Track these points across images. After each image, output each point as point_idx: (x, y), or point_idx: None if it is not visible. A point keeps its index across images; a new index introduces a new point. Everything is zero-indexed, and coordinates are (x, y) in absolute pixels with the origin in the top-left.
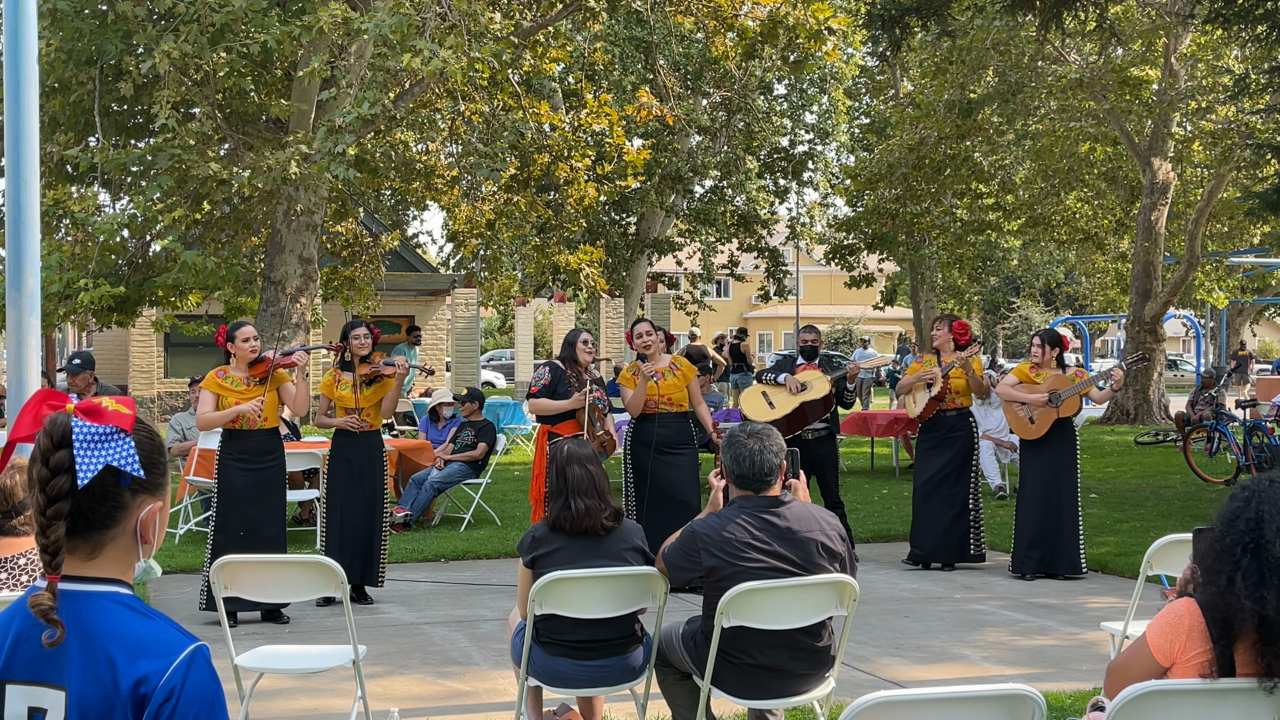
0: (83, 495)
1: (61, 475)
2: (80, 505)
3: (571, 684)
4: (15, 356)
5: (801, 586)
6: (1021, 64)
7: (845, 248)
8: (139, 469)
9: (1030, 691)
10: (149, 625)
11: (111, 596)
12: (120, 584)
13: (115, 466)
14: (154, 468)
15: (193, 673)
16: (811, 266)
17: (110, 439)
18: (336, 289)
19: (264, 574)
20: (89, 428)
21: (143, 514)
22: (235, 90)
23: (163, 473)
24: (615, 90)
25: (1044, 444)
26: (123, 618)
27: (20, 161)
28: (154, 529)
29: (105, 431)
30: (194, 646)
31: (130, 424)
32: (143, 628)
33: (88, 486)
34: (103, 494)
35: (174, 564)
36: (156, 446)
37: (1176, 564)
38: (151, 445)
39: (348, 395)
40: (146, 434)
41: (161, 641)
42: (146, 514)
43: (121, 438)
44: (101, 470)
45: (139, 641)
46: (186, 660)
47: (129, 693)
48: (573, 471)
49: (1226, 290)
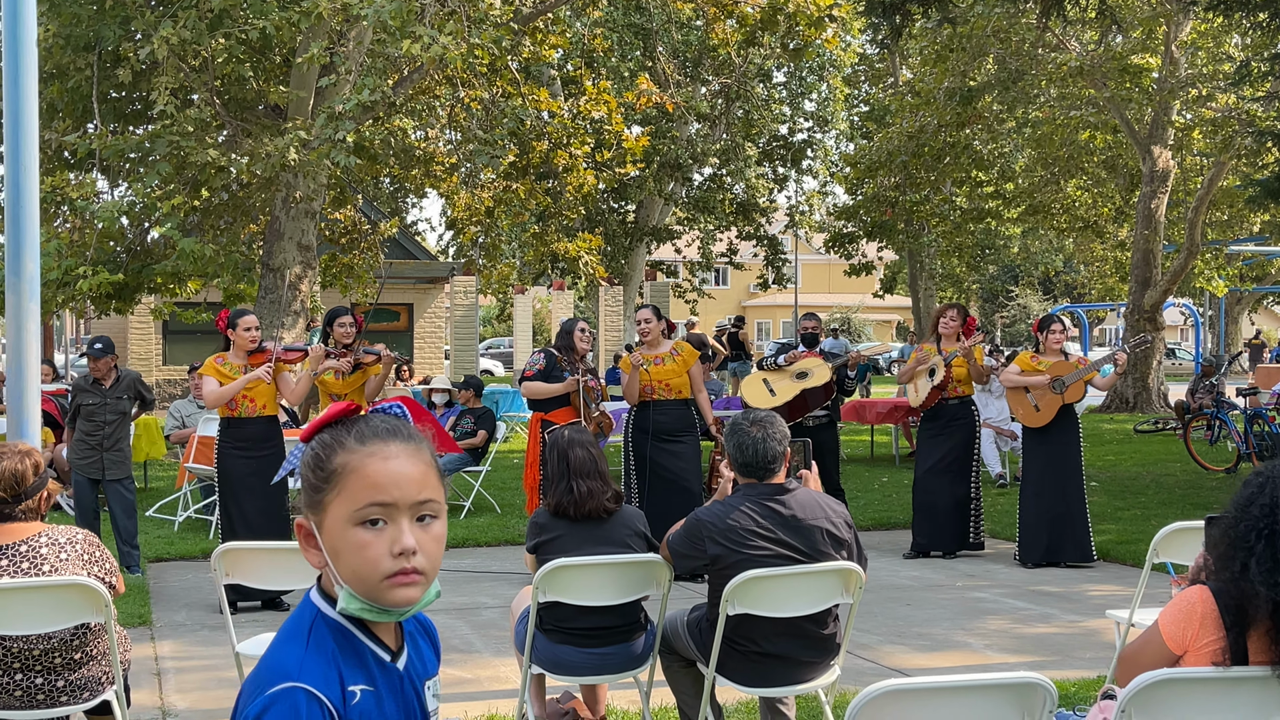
0: None
1: None
2: None
3: (575, 671)
4: (15, 342)
5: (807, 574)
6: (1022, 51)
7: (844, 236)
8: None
9: (1041, 680)
10: (278, 650)
11: (308, 609)
12: (325, 598)
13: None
14: (303, 480)
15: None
16: (810, 255)
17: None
18: (335, 276)
19: (265, 561)
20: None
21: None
22: (234, 76)
23: (314, 488)
24: (614, 77)
25: (1048, 432)
26: (281, 631)
27: (19, 148)
28: (312, 550)
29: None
30: (280, 689)
31: (308, 432)
32: (274, 648)
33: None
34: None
35: (173, 551)
36: (309, 461)
37: (1182, 552)
38: (306, 459)
39: (331, 380)
40: (313, 447)
41: (263, 672)
42: (297, 525)
43: (299, 446)
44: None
45: (262, 658)
46: (266, 701)
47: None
48: (574, 454)
49: (1226, 278)
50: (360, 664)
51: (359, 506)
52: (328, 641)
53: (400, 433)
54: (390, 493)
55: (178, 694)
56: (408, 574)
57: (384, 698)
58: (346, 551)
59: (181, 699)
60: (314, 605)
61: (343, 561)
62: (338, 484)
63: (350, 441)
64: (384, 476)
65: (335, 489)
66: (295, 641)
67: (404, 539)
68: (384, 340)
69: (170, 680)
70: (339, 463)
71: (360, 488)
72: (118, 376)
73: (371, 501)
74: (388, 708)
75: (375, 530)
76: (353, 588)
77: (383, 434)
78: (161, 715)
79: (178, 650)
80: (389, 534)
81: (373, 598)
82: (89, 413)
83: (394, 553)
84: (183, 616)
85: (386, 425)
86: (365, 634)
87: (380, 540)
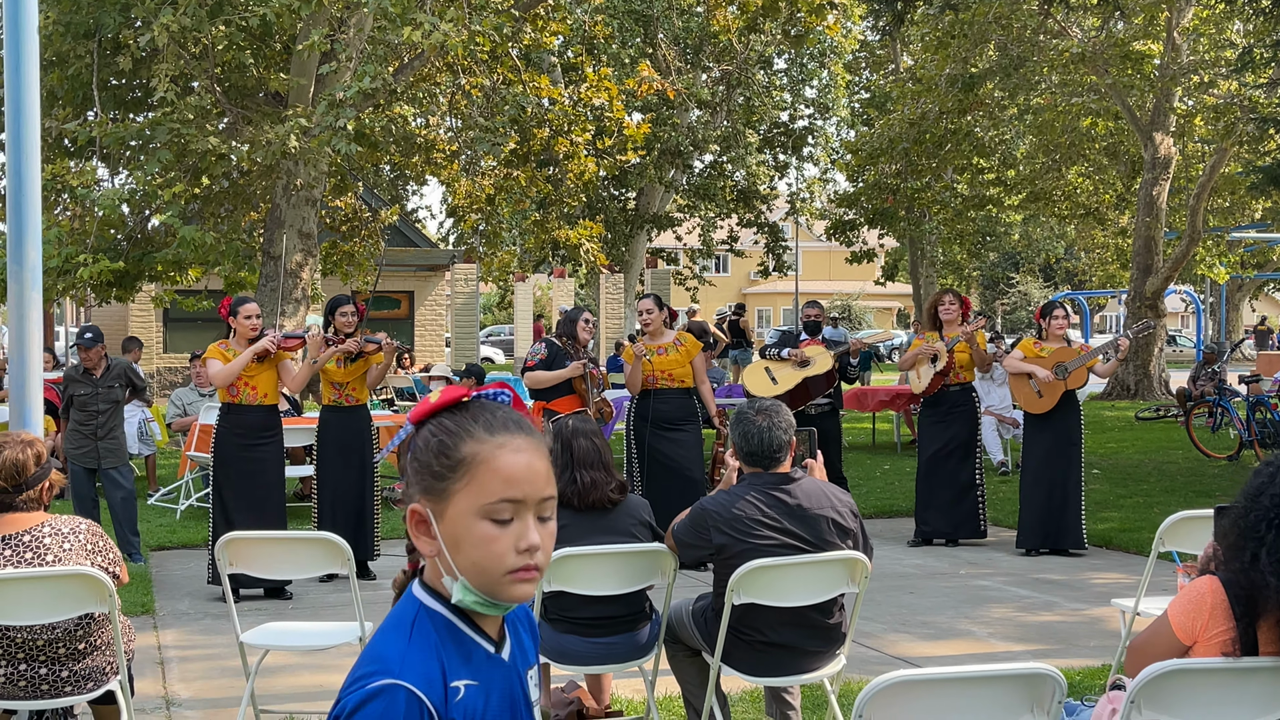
0: None
1: None
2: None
3: (580, 661)
4: (17, 330)
5: (812, 563)
6: (1024, 38)
7: (846, 223)
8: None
9: (1051, 671)
10: (381, 640)
11: (410, 601)
12: (428, 590)
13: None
14: (415, 465)
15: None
16: (811, 242)
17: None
18: (335, 264)
19: (269, 551)
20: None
21: (408, 514)
22: (234, 64)
23: (435, 474)
24: (614, 64)
25: (1049, 419)
26: (384, 624)
27: (21, 136)
28: (425, 537)
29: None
30: (382, 684)
31: (419, 414)
32: (375, 642)
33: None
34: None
35: (175, 539)
36: (432, 446)
37: (1188, 540)
38: (426, 443)
39: (332, 368)
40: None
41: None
42: (409, 512)
43: (406, 428)
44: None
45: (363, 651)
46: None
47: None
48: (578, 444)
49: (1228, 265)
50: (465, 658)
51: (491, 500)
52: (431, 635)
53: (524, 425)
54: (522, 488)
55: (181, 683)
56: (529, 570)
57: (490, 691)
58: (470, 544)
59: (185, 688)
60: (416, 599)
61: (463, 553)
62: (466, 474)
63: (479, 430)
64: (516, 470)
65: (463, 478)
66: (398, 633)
67: (530, 535)
68: (385, 328)
69: (174, 669)
70: (468, 452)
71: (492, 480)
72: (108, 366)
73: (503, 497)
74: (493, 701)
75: (502, 524)
76: (470, 579)
77: (510, 426)
78: (165, 704)
79: (181, 639)
80: (515, 529)
81: (490, 591)
82: (82, 403)
83: (519, 549)
84: (186, 605)
85: (512, 417)
86: (470, 626)
87: (507, 535)
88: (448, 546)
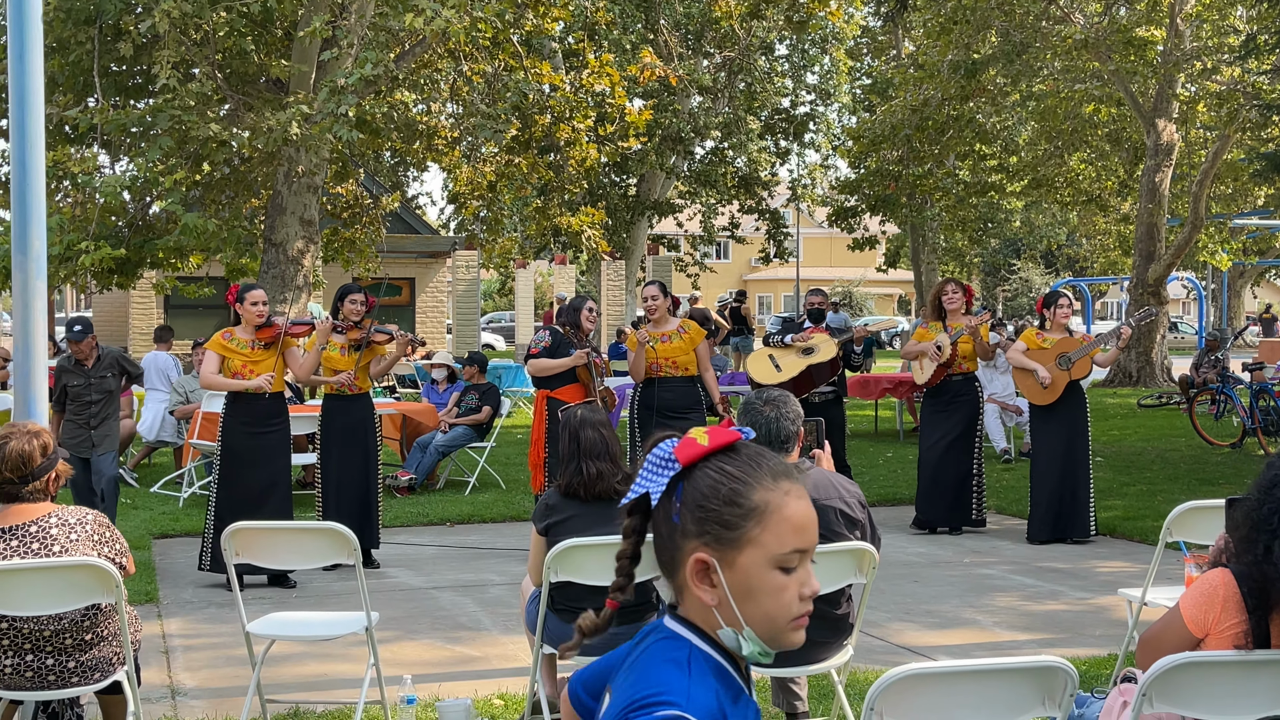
0: (654, 526)
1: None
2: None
3: (586, 651)
4: (22, 319)
5: (820, 554)
6: (1026, 24)
7: (847, 210)
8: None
9: (1063, 664)
10: (659, 671)
11: (666, 633)
12: (693, 630)
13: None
14: (696, 511)
15: None
16: (812, 229)
17: (664, 466)
18: (337, 251)
19: (275, 541)
20: (664, 450)
21: (688, 562)
22: (235, 50)
23: (725, 523)
24: (615, 50)
25: (1056, 409)
26: (651, 656)
27: (25, 124)
28: (705, 586)
29: (667, 457)
30: (671, 713)
31: (689, 456)
32: (652, 671)
33: (657, 520)
34: (665, 530)
35: (177, 528)
36: (721, 494)
37: (1195, 531)
38: (713, 490)
39: (337, 357)
40: (713, 477)
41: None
42: (691, 561)
43: (670, 468)
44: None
45: (634, 679)
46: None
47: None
48: (585, 435)
49: (1230, 252)
50: (733, 699)
51: (785, 550)
52: (708, 675)
53: (791, 470)
54: (809, 536)
55: (186, 672)
56: (805, 616)
57: None
58: (763, 593)
59: (190, 677)
60: (684, 638)
61: (755, 603)
62: (759, 523)
63: (765, 478)
64: (804, 518)
65: (756, 527)
66: (676, 669)
67: (813, 581)
68: (385, 315)
69: (179, 658)
70: (759, 500)
71: (786, 530)
72: (99, 356)
73: (796, 547)
74: None
75: (789, 573)
76: (757, 629)
77: (788, 472)
78: (170, 694)
79: (185, 628)
80: (799, 576)
81: (772, 639)
82: (75, 394)
83: (803, 595)
84: (189, 594)
85: (781, 462)
86: (734, 669)
87: (793, 583)
88: (736, 596)
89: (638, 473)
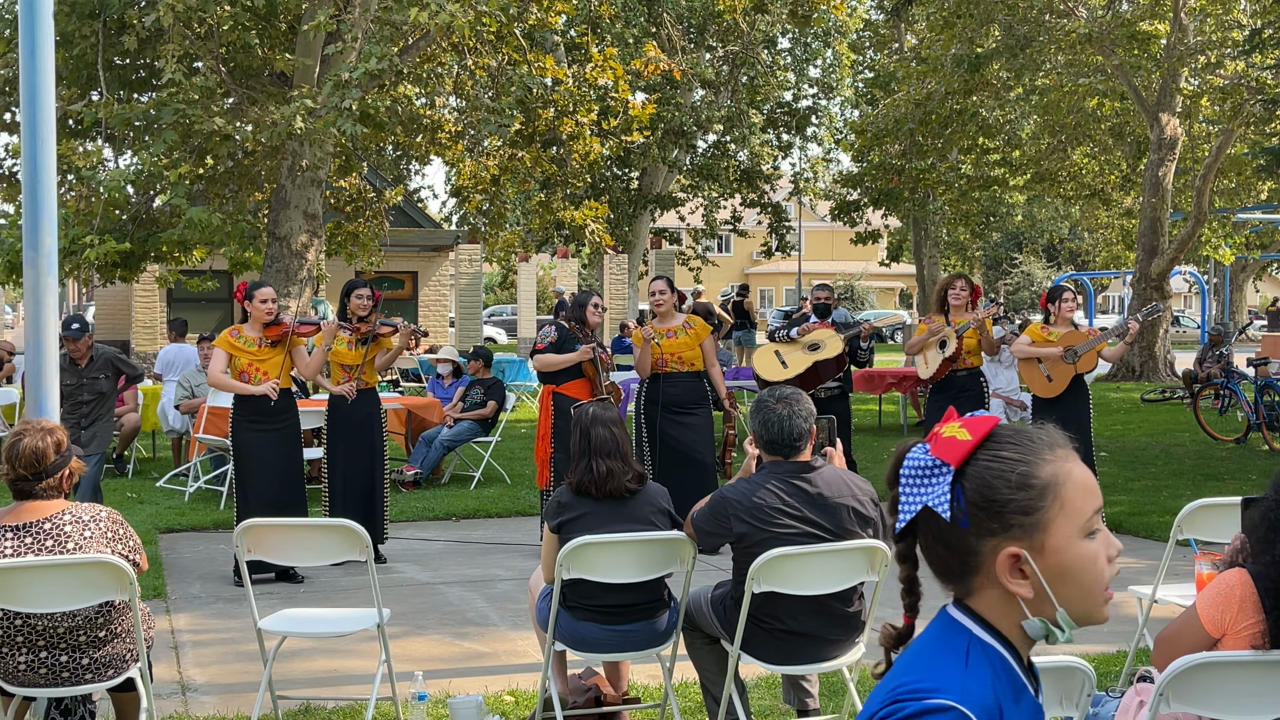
0: (926, 539)
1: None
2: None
3: (598, 649)
4: (34, 316)
5: (833, 552)
6: (1029, 18)
7: (850, 204)
8: (946, 510)
9: (1081, 664)
10: (931, 663)
11: (958, 629)
12: (988, 629)
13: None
14: (990, 506)
15: None
16: (814, 222)
17: (931, 475)
18: (340, 244)
19: (288, 538)
20: (918, 459)
21: (997, 558)
22: (239, 44)
23: (1023, 509)
24: (618, 44)
25: (1059, 403)
26: (930, 640)
27: (36, 120)
28: (1018, 580)
29: (928, 465)
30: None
31: (959, 454)
32: (927, 658)
33: (931, 530)
34: (943, 539)
35: (184, 522)
36: (1011, 481)
37: (1205, 528)
38: (1001, 480)
39: (344, 351)
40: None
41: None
42: (1000, 559)
43: (941, 474)
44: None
45: (908, 660)
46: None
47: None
48: (596, 433)
49: (1233, 246)
50: (1014, 698)
51: (1087, 515)
52: (986, 669)
53: (1054, 434)
54: (1098, 492)
55: (196, 668)
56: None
57: None
58: (1078, 569)
59: (200, 672)
60: (965, 627)
61: (1072, 581)
62: (1055, 497)
63: (1043, 451)
64: (1088, 478)
65: (1054, 502)
66: (953, 659)
67: (1114, 540)
68: (388, 308)
69: (188, 653)
70: (1048, 475)
71: (1080, 495)
72: (92, 356)
73: (1095, 508)
74: None
75: (1093, 537)
76: (1073, 609)
77: (1052, 437)
78: (181, 689)
79: (194, 623)
80: (1101, 539)
81: (1086, 616)
82: (67, 393)
83: (1110, 556)
84: (197, 589)
85: (1042, 431)
86: (1019, 666)
87: (1099, 547)
88: (1051, 580)
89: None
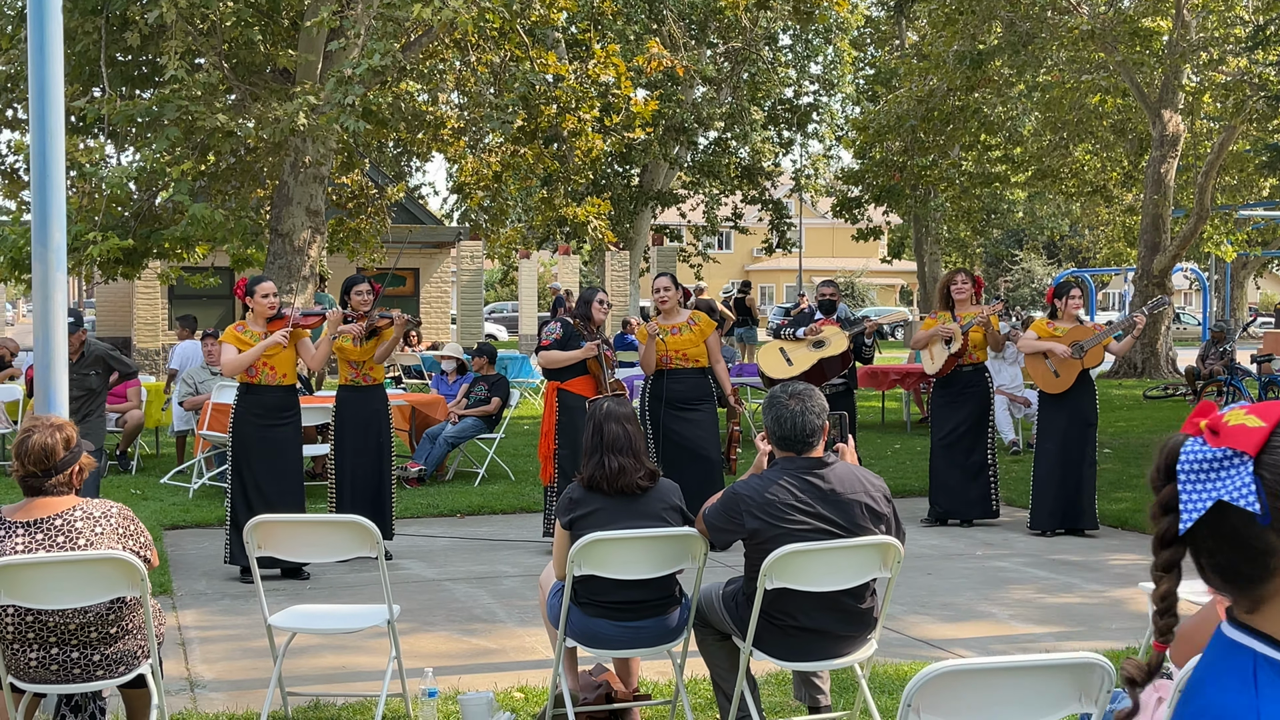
0: (1211, 541)
1: (1168, 515)
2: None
3: (610, 645)
4: (42, 312)
5: (845, 548)
6: (1031, 14)
7: (851, 200)
8: (1254, 503)
9: (1100, 660)
10: (1220, 695)
11: (1237, 649)
12: (1259, 636)
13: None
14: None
15: None
16: (814, 219)
17: (1223, 467)
18: (342, 241)
19: (297, 534)
20: (1199, 452)
21: None
22: (242, 40)
23: None
24: (619, 40)
25: (1065, 399)
26: (1209, 670)
27: (45, 117)
28: None
29: (1217, 457)
30: None
31: (1256, 442)
32: (1210, 690)
33: (1219, 531)
34: (1233, 539)
35: (188, 519)
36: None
37: None
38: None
39: (349, 347)
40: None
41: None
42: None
43: (1238, 464)
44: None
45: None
46: None
47: None
48: (609, 429)
49: (1235, 243)
50: None
51: None
52: (1276, 693)
53: None
54: None
55: (204, 664)
56: None
57: None
58: None
59: (208, 669)
60: (1245, 646)
61: None
62: None
63: None
64: None
65: None
66: (1240, 685)
67: None
68: (389, 305)
69: (195, 650)
70: None
71: None
72: (84, 353)
73: None
74: None
75: None
76: None
77: None
78: (189, 686)
79: (201, 620)
80: None
81: None
82: None
83: None
84: (203, 585)
85: None
86: None
87: None
88: None
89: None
